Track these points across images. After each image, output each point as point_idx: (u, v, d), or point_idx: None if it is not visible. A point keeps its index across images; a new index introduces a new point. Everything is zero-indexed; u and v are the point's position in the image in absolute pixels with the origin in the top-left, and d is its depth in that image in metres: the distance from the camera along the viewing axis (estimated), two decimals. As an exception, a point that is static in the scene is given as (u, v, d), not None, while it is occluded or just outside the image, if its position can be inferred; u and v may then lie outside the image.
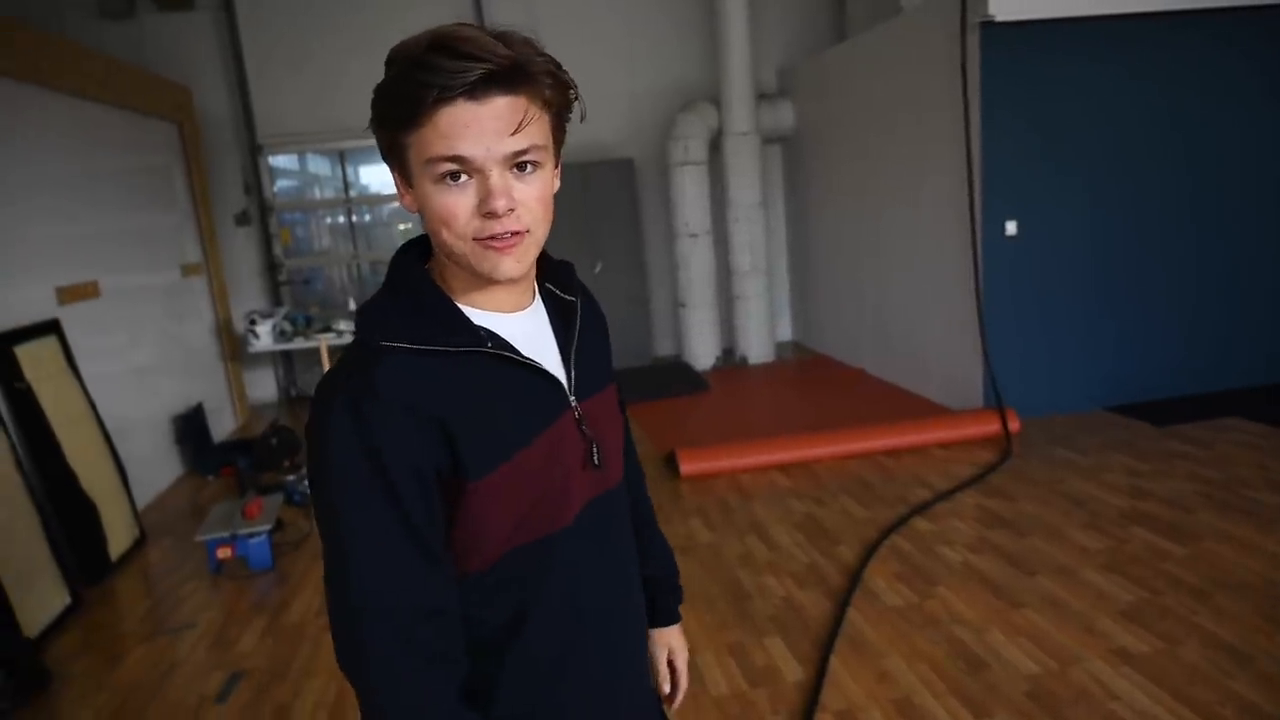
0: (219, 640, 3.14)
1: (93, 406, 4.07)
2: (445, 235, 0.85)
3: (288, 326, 6.13)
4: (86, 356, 4.15)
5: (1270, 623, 2.63)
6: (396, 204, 7.58)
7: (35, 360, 3.71)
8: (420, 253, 0.96)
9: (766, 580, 3.24)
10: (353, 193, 7.58)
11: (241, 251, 6.98)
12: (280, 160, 7.37)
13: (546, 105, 0.86)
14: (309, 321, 6.25)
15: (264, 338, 6.00)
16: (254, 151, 6.91)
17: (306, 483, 4.52)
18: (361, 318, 0.91)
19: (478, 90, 0.79)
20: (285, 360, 7.20)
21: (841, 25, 7.03)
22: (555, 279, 1.04)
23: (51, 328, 3.94)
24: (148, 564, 3.97)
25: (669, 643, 1.29)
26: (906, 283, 5.63)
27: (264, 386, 7.15)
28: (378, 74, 0.87)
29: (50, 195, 4.22)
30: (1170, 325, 4.94)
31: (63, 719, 2.72)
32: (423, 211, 0.86)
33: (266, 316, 6.07)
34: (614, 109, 7.06)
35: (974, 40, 4.50)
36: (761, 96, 6.84)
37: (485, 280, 0.88)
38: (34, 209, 4.04)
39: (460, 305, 0.91)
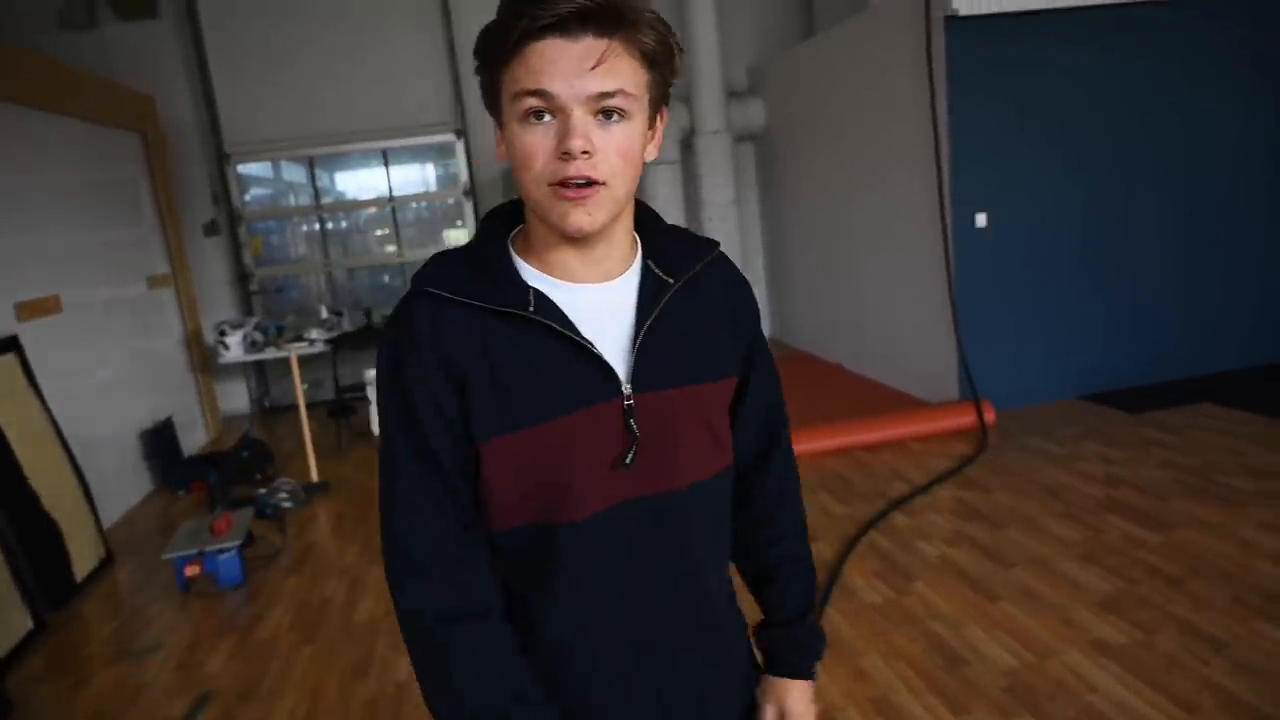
0: (186, 661, 3.07)
1: (55, 425, 3.98)
2: (525, 179, 0.84)
3: (259, 337, 6.03)
4: (48, 374, 4.06)
5: (1245, 609, 2.63)
6: (372, 210, 7.52)
7: (-7, 379, 3.63)
8: (507, 210, 0.96)
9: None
10: (326, 199, 7.49)
11: (211, 262, 6.89)
12: (252, 168, 7.27)
13: (644, 57, 0.83)
14: (280, 331, 6.16)
15: (234, 349, 5.89)
16: (221, 160, 6.82)
17: (280, 495, 4.46)
18: (423, 267, 0.93)
19: (570, 26, 0.78)
20: (257, 371, 7.11)
21: (810, 22, 7.03)
22: (661, 255, 0.95)
23: (10, 345, 3.85)
24: (115, 584, 3.89)
25: (781, 699, 1.06)
26: (880, 277, 5.63)
27: (236, 398, 7.06)
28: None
29: (8, 209, 4.13)
30: (1142, 313, 4.96)
31: (24, 747, 2.66)
32: (510, 156, 0.85)
33: (237, 327, 5.97)
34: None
35: (939, 34, 4.50)
36: (732, 94, 6.83)
37: (559, 236, 0.87)
38: (-11, 224, 3.96)
39: (530, 266, 0.91)
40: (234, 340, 5.88)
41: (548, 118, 0.80)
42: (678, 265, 0.94)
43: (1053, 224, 4.80)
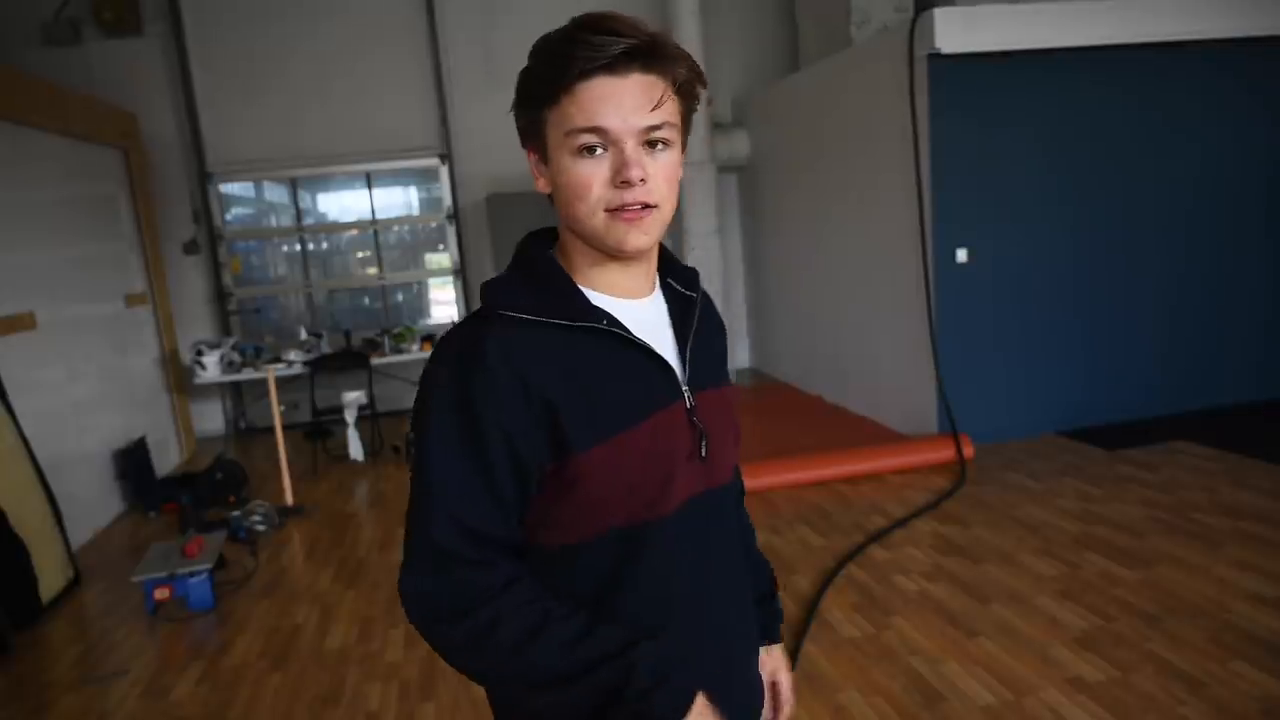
0: (152, 687, 2.99)
1: (25, 442, 3.91)
2: (578, 207, 0.89)
3: (236, 357, 5.98)
4: (20, 390, 3.99)
5: (1220, 648, 2.65)
6: (354, 232, 7.49)
7: (-37, 395, 3.56)
8: (545, 238, 1.02)
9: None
10: (308, 220, 7.47)
11: (190, 281, 6.83)
12: (234, 188, 7.24)
13: (678, 89, 0.90)
14: (259, 352, 6.11)
15: (211, 369, 5.84)
16: (203, 178, 6.79)
17: (254, 518, 4.38)
18: (484, 289, 0.96)
19: (618, 65, 0.85)
20: (234, 391, 7.03)
21: (795, 56, 7.14)
22: (678, 275, 1.07)
23: (-19, 361, 3.79)
24: (82, 606, 3.80)
25: (769, 664, 1.23)
26: (861, 310, 5.68)
27: (211, 419, 6.96)
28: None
29: (-16, 224, 4.08)
30: (1119, 351, 5.04)
31: (-21, 777, 2.57)
32: (557, 187, 0.91)
33: (214, 347, 5.91)
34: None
35: (921, 72, 4.59)
36: (716, 126, 6.90)
37: (610, 257, 0.93)
38: (-35, 238, 3.90)
39: (581, 286, 0.96)
40: (211, 360, 5.83)
41: (600, 151, 0.87)
42: (689, 283, 1.07)
43: (1033, 260, 4.87)
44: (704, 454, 0.99)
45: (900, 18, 5.10)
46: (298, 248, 7.45)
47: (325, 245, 7.62)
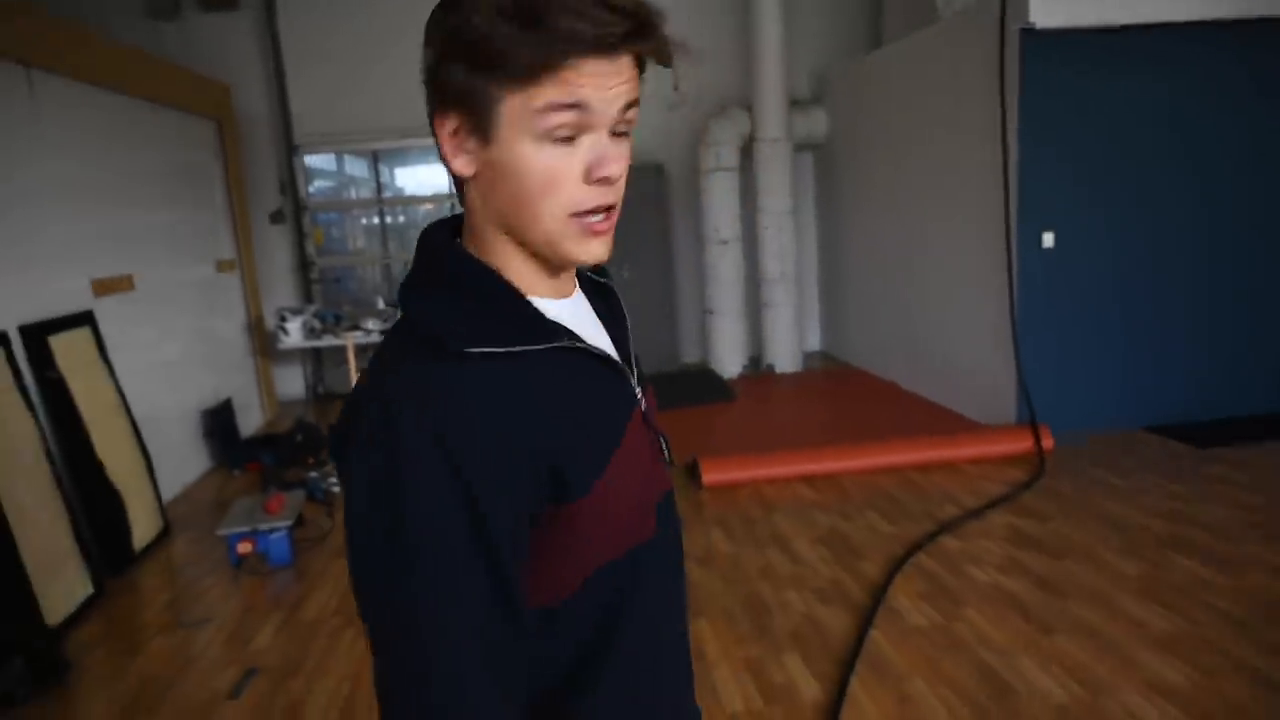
0: (235, 635, 3.14)
1: (123, 398, 4.11)
2: (539, 206, 0.72)
3: (317, 324, 6.17)
4: (119, 349, 4.20)
5: (1316, 658, 2.52)
6: (431, 206, 7.63)
7: (68, 351, 3.76)
8: (453, 230, 0.83)
9: (787, 595, 3.17)
10: (386, 194, 7.63)
11: (275, 249, 7.05)
12: (317, 160, 7.44)
13: (638, 65, 0.75)
14: (338, 319, 6.29)
15: (293, 334, 6.04)
16: (290, 150, 6.99)
17: (331, 480, 4.53)
18: (423, 314, 0.75)
19: (616, 47, 0.69)
20: (314, 357, 7.26)
21: (877, 32, 6.95)
22: None
23: (85, 319, 3.99)
24: (171, 556, 3.99)
25: None
26: (939, 295, 5.53)
27: (292, 383, 7.21)
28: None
29: (90, 189, 4.28)
30: (1214, 344, 4.79)
31: (77, 709, 2.74)
32: (502, 176, 0.72)
33: (297, 313, 6.11)
34: (646, 114, 6.91)
35: (1013, 47, 4.41)
36: (794, 103, 6.77)
37: (556, 264, 0.78)
38: (74, 202, 4.10)
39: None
40: (294, 326, 6.03)
41: (573, 139, 0.71)
42: (600, 268, 0.92)
43: (1123, 247, 4.66)
44: (669, 456, 0.90)
45: (993, -8, 4.92)
46: (376, 220, 7.62)
47: (402, 219, 7.78)
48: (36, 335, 3.58)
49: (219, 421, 5.35)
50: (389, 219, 7.65)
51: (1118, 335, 4.73)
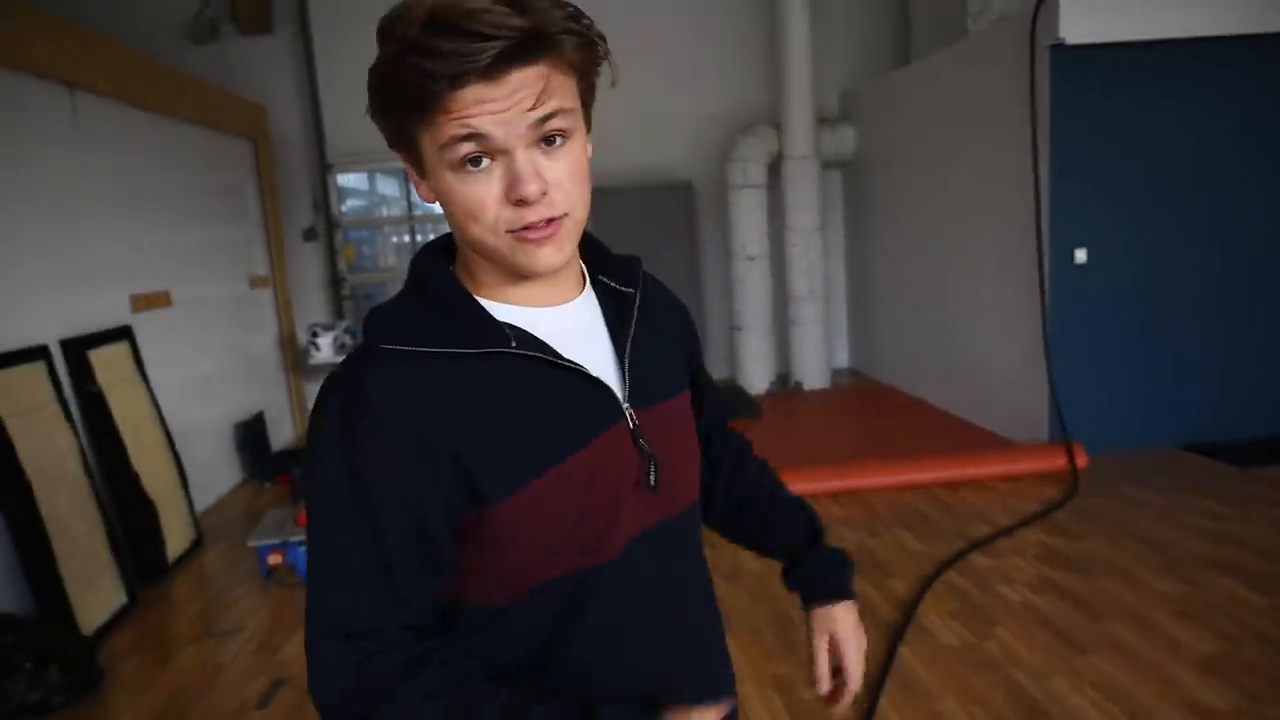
0: (265, 645, 3.16)
1: (159, 411, 4.19)
2: (474, 230, 0.75)
3: (347, 339, 6.25)
4: (155, 363, 4.28)
5: (1364, 683, 2.44)
6: (458, 223, 7.70)
7: (107, 364, 3.84)
8: (443, 249, 0.86)
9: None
10: (416, 212, 7.73)
11: (307, 266, 7.16)
12: (349, 179, 7.56)
13: (570, 67, 0.74)
14: (369, 335, 6.36)
15: (325, 350, 6.13)
16: (323, 169, 7.11)
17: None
18: (367, 319, 0.81)
19: (493, 69, 0.68)
20: (345, 373, 7.34)
21: (905, 49, 6.94)
22: (611, 270, 0.92)
23: (124, 334, 4.08)
24: (203, 566, 4.05)
25: (828, 626, 1.04)
26: (969, 311, 5.48)
27: (324, 398, 7.29)
28: None
29: (130, 206, 4.38)
30: (1254, 360, 4.69)
31: (111, 717, 2.77)
32: (445, 203, 0.76)
33: (328, 329, 6.20)
34: (674, 132, 7.08)
35: (1044, 63, 4.38)
36: (822, 120, 6.78)
37: (522, 274, 0.79)
38: (115, 219, 4.20)
39: (488, 301, 0.81)
40: (325, 341, 6.12)
41: (486, 162, 0.72)
42: (627, 277, 0.91)
43: (1157, 262, 4.60)
44: (653, 482, 0.85)
45: (1021, 6, 4.89)
46: (406, 238, 7.72)
47: (431, 236, 7.86)
48: (77, 349, 3.67)
49: (251, 435, 5.43)
50: (418, 237, 7.74)
51: (1153, 351, 4.65)
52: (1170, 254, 4.60)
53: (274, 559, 3.73)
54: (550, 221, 0.74)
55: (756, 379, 6.83)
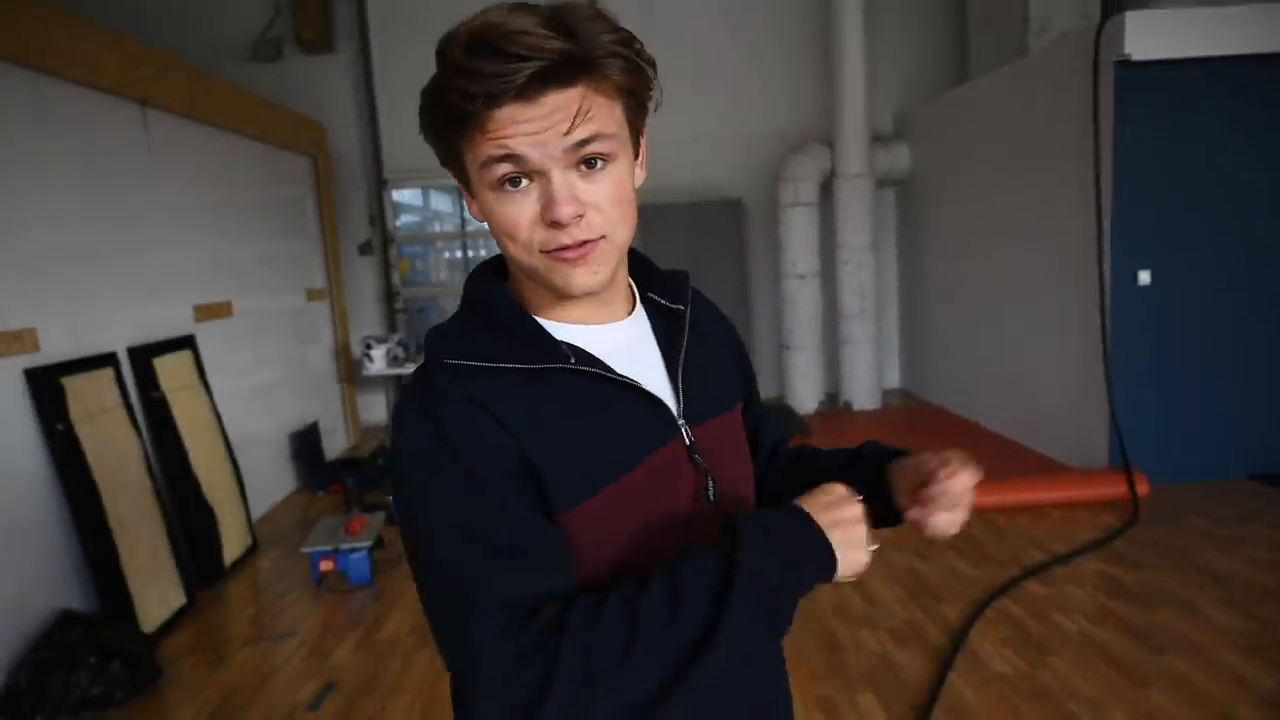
0: (316, 650, 3.22)
1: (219, 418, 4.31)
2: (511, 249, 0.77)
3: (400, 352, 6.36)
4: (216, 371, 4.42)
5: None
6: (510, 238, 7.80)
7: (171, 372, 3.97)
8: (495, 269, 0.88)
9: (862, 634, 3.09)
10: (469, 228, 7.86)
11: (362, 279, 7.32)
12: (404, 195, 7.73)
13: (617, 90, 0.75)
14: (420, 348, 6.47)
15: (378, 361, 6.24)
16: (379, 185, 7.28)
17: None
18: (427, 339, 0.83)
19: (528, 90, 0.70)
20: (397, 384, 7.47)
21: (963, 68, 6.87)
22: (659, 288, 0.93)
23: (187, 343, 4.21)
24: (257, 571, 4.14)
25: (915, 464, 0.90)
26: (1026, 333, 5.37)
27: (375, 409, 7.42)
28: None
29: (196, 219, 4.54)
30: (1326, 389, 4.51)
31: (168, 713, 2.84)
32: (488, 222, 0.78)
33: (381, 341, 6.32)
34: (725, 150, 7.10)
35: (1107, 81, 4.30)
36: (876, 139, 6.73)
37: (559, 294, 0.80)
38: (181, 231, 4.35)
39: (541, 320, 0.83)
40: (378, 354, 6.23)
41: (524, 182, 0.74)
42: (676, 293, 0.92)
43: (1224, 285, 4.45)
44: (711, 496, 0.86)
45: (1084, 23, 4.80)
46: (459, 254, 7.85)
47: (484, 252, 7.99)
48: (143, 357, 3.80)
49: (306, 444, 5.55)
50: (470, 253, 7.87)
51: (1219, 377, 4.50)
52: (1238, 277, 4.45)
53: (325, 565, 3.80)
54: (585, 244, 0.75)
55: (806, 398, 6.77)
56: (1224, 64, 4.24)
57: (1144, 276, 4.44)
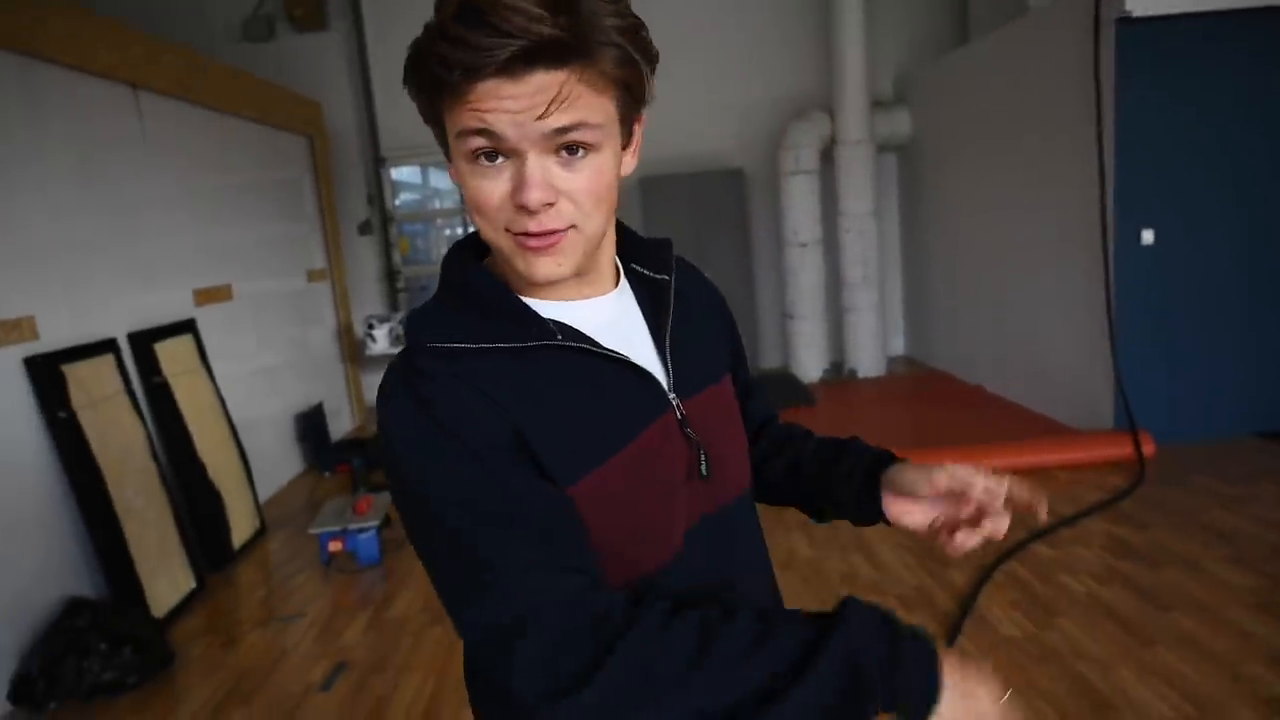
0: (326, 630, 3.25)
1: (222, 402, 4.31)
2: (480, 223, 0.74)
3: (402, 331, 6.35)
4: (218, 355, 4.41)
5: None
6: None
7: (172, 357, 3.96)
8: (472, 246, 0.85)
9: (871, 600, 3.08)
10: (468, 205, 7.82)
11: (363, 259, 7.30)
12: (403, 173, 7.68)
13: (608, 81, 0.71)
14: (423, 327, 6.45)
15: (380, 341, 6.24)
16: (377, 164, 7.23)
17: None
18: (408, 323, 0.80)
19: (512, 67, 0.66)
20: (400, 364, 7.47)
21: (962, 29, 6.77)
22: (643, 258, 0.90)
23: (188, 327, 4.20)
24: (266, 553, 4.16)
25: (909, 476, 0.92)
26: (1030, 296, 5.33)
27: (380, 389, 7.43)
28: None
29: (192, 202, 4.51)
30: (1334, 345, 4.48)
31: (181, 697, 2.87)
32: (463, 192, 0.75)
33: (383, 321, 6.32)
34: (725, 118, 7.02)
35: (1108, 38, 4.22)
36: (876, 104, 6.65)
37: (525, 279, 0.77)
38: (178, 215, 4.33)
39: (523, 297, 0.80)
40: (381, 333, 6.23)
41: (500, 159, 0.70)
42: (660, 263, 0.89)
43: (1228, 243, 4.41)
44: (705, 471, 0.84)
45: (1084, -20, 4.73)
46: (459, 230, 7.80)
47: (484, 228, 7.95)
48: (144, 342, 3.79)
49: (311, 425, 5.56)
50: (470, 229, 7.82)
51: (1223, 336, 4.47)
52: (1241, 234, 4.41)
53: (334, 546, 3.82)
54: (552, 234, 0.72)
55: (810, 367, 6.75)
56: (1224, 18, 4.17)
57: (1147, 236, 4.40)
